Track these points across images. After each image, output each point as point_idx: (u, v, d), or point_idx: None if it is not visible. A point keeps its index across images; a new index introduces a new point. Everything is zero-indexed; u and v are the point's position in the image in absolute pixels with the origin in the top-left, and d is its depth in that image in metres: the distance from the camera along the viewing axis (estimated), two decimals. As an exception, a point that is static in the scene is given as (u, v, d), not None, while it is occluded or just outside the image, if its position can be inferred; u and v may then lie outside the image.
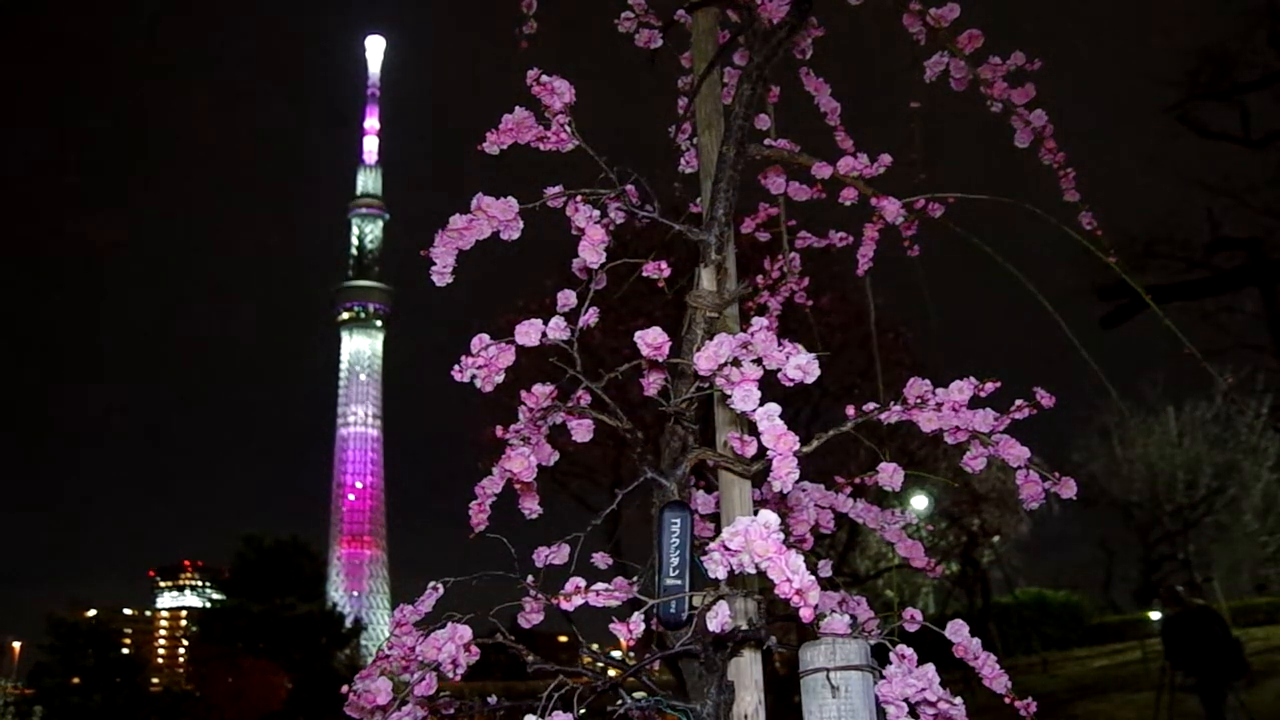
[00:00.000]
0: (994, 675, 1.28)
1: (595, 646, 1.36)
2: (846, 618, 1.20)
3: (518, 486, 1.42)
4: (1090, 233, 1.75)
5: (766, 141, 1.67)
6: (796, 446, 1.03)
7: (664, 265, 1.50)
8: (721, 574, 0.94)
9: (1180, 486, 24.05)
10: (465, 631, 1.20)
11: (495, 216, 1.32)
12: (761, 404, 1.05)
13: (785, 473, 1.04)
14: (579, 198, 1.37)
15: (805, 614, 0.90)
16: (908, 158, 1.73)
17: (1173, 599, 9.01)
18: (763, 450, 1.06)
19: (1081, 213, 1.76)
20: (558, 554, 1.42)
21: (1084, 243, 1.74)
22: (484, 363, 1.30)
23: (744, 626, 1.23)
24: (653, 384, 1.37)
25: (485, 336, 1.31)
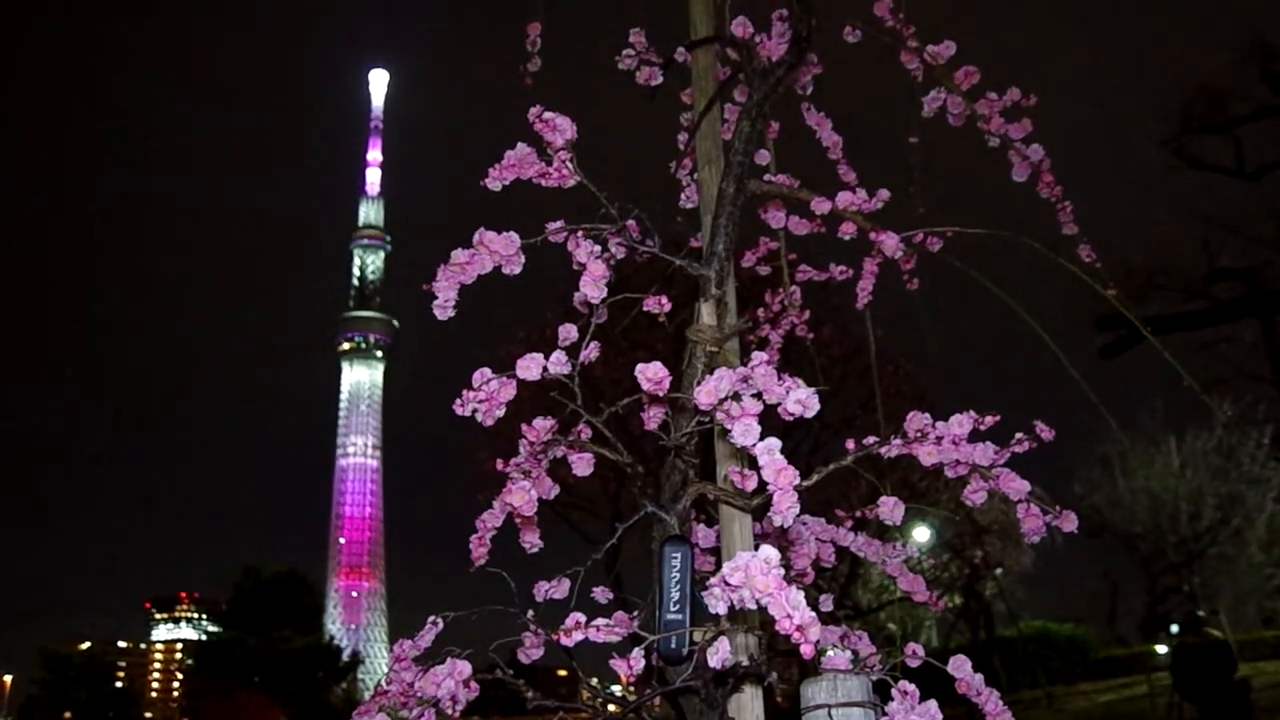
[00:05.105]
0: (998, 711, 1.27)
1: (595, 682, 1.35)
2: (848, 653, 1.19)
3: (518, 520, 1.42)
4: (1090, 264, 1.76)
5: (766, 177, 1.69)
6: (797, 481, 1.03)
7: (665, 300, 1.51)
8: (722, 609, 0.93)
9: (1184, 518, 23.87)
10: (465, 667, 1.20)
11: (497, 251, 1.33)
12: (762, 438, 1.05)
13: (786, 507, 1.04)
14: (580, 233, 1.38)
15: (806, 650, 0.90)
16: (906, 192, 1.74)
17: (1193, 627, 8.83)
18: (763, 484, 1.06)
19: (1080, 245, 1.77)
20: (558, 588, 1.41)
21: (1082, 276, 1.75)
22: (485, 397, 1.31)
23: (745, 662, 1.22)
24: (653, 418, 1.37)
25: (487, 370, 1.32)
